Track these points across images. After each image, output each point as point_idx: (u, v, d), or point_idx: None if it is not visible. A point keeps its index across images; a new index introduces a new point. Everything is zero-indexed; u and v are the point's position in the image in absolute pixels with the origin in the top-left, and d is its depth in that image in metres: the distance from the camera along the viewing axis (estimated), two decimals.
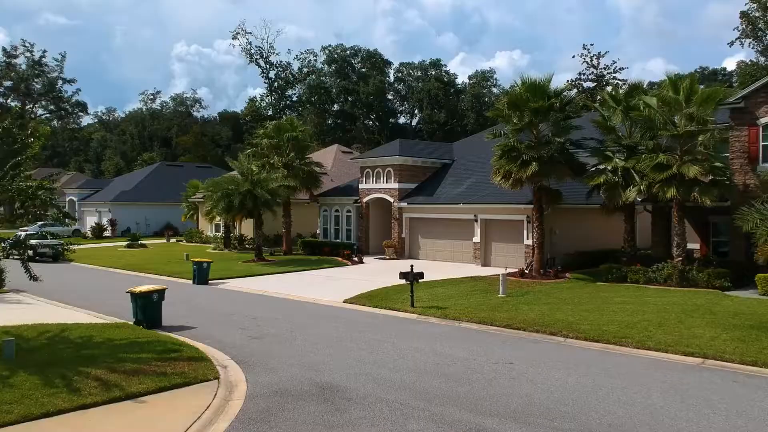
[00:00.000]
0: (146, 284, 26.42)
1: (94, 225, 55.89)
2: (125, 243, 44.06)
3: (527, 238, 28.51)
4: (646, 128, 24.03)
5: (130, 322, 17.41)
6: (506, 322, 17.42)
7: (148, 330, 16.54)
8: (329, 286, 25.29)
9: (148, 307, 17.14)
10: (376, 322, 18.16)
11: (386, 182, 35.41)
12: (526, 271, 26.56)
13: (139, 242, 43.62)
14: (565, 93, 26.56)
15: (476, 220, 30.61)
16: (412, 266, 20.22)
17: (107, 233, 55.27)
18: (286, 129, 36.49)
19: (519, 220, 28.98)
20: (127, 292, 17.45)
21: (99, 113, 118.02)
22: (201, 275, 26.55)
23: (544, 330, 16.47)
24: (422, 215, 33.80)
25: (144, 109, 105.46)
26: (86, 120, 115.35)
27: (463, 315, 18.41)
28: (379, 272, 28.84)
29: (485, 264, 30.33)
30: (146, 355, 13.43)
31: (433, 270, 26.68)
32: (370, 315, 19.34)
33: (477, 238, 30.59)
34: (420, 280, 20.41)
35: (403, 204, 34.35)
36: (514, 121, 26.13)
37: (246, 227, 40.85)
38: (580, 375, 12.42)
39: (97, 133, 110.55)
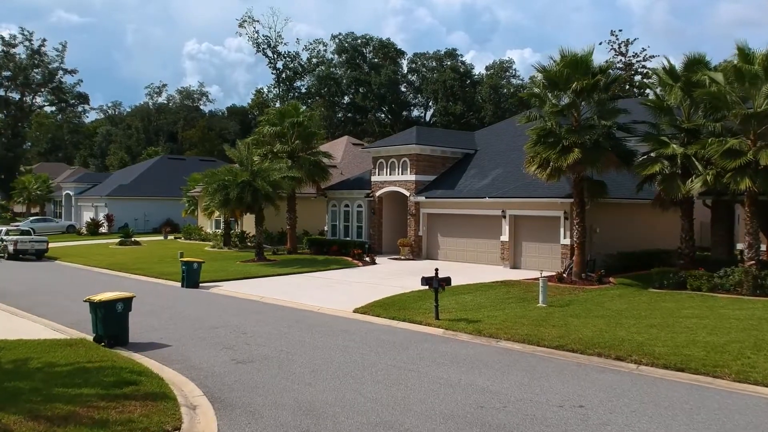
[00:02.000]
0: (128, 287, 23.08)
1: (89, 220, 52.71)
2: (117, 240, 40.80)
3: (564, 237, 24.94)
4: (711, 108, 20.38)
5: (89, 338, 14.07)
6: (557, 341, 13.89)
7: (107, 349, 13.17)
8: (337, 291, 21.86)
9: (110, 319, 13.74)
10: (394, 339, 14.68)
11: (401, 174, 31.90)
12: (565, 275, 23.00)
13: (132, 239, 40.34)
14: (611, 70, 22.84)
15: (504, 217, 27.03)
16: (437, 270, 16.72)
17: (103, 229, 52.07)
18: (291, 114, 33.01)
19: (555, 217, 25.39)
20: (85, 301, 14.04)
21: (104, 108, 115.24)
22: (190, 277, 23.19)
23: (608, 353, 12.92)
24: (442, 211, 30.27)
25: (150, 104, 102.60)
26: (92, 115, 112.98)
27: (502, 331, 14.89)
28: (394, 275, 25.36)
29: (515, 266, 26.75)
30: (89, 390, 10.00)
31: (456, 273, 23.15)
32: (385, 329, 15.86)
33: (505, 237, 27.01)
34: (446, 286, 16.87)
35: (421, 198, 30.85)
36: (552, 101, 22.59)
37: (248, 224, 37.47)
38: (683, 427, 8.88)
39: (102, 128, 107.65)
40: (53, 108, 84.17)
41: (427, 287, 16.66)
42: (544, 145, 22.42)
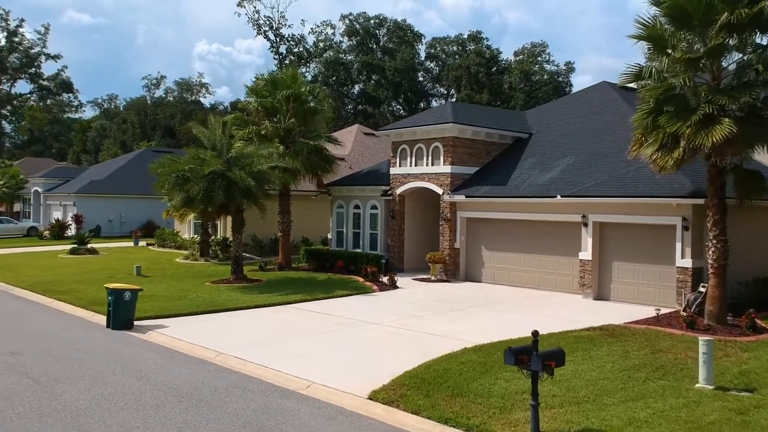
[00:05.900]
0: (27, 325, 15.22)
1: (53, 222, 44.88)
2: (69, 247, 32.82)
3: (682, 256, 16.77)
4: None
5: None
6: None
7: None
8: (341, 341, 13.79)
9: None
10: None
11: (432, 164, 23.78)
12: (692, 315, 14.87)
13: (88, 246, 32.39)
14: None
15: (585, 225, 18.83)
16: (536, 335, 8.51)
17: (70, 232, 44.13)
18: (287, 84, 24.94)
19: (666, 225, 17.20)
20: None
21: (99, 101, 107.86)
22: (119, 314, 15.21)
23: None
24: (488, 214, 22.09)
25: (148, 98, 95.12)
26: (89, 112, 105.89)
27: None
28: (426, 309, 17.28)
29: (600, 296, 18.56)
30: None
31: (517, 307, 15.28)
32: None
33: (587, 254, 18.77)
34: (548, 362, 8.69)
35: (459, 197, 22.67)
36: (682, 46, 14.50)
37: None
38: None
39: (97, 122, 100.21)
40: (33, 96, 76.42)
41: (517, 367, 8.56)
42: (668, 116, 14.33)
